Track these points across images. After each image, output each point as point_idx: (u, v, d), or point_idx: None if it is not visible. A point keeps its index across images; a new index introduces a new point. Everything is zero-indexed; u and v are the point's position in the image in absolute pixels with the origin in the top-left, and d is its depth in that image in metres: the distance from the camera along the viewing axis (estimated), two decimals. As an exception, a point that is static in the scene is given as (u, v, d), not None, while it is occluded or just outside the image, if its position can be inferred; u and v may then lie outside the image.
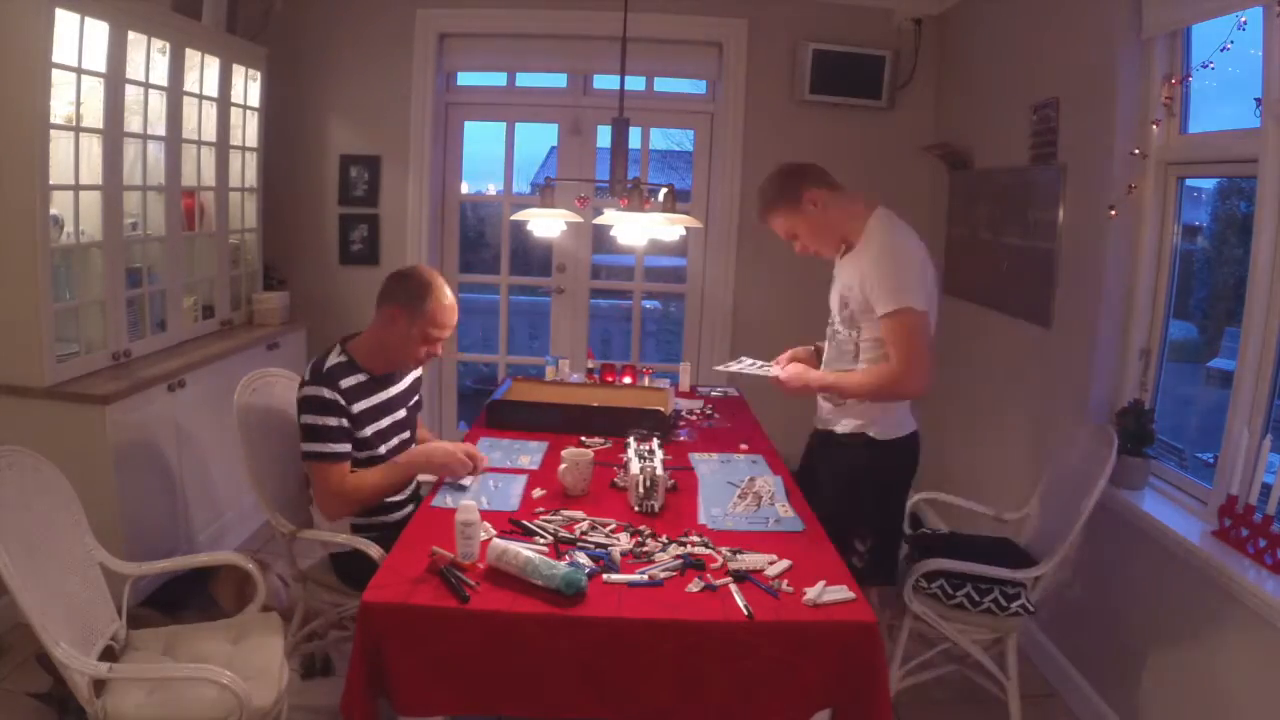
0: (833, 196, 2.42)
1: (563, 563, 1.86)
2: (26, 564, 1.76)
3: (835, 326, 2.53)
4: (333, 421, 2.31)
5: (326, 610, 2.54)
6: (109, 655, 2.01)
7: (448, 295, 2.42)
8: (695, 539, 2.06)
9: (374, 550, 2.26)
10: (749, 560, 1.97)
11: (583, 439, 2.80)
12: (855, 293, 2.37)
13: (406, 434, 2.62)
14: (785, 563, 1.97)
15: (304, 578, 2.51)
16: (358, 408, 2.37)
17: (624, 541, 2.05)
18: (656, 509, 2.26)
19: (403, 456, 2.39)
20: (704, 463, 2.65)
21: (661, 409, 2.91)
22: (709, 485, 2.45)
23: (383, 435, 2.47)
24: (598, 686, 1.75)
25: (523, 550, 1.87)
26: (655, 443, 2.58)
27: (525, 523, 2.13)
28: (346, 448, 2.34)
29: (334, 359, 2.40)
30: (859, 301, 2.37)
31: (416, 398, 2.70)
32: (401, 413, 2.57)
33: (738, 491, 2.40)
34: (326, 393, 2.31)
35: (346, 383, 2.36)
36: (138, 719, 1.85)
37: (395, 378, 2.54)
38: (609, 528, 2.14)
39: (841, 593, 1.84)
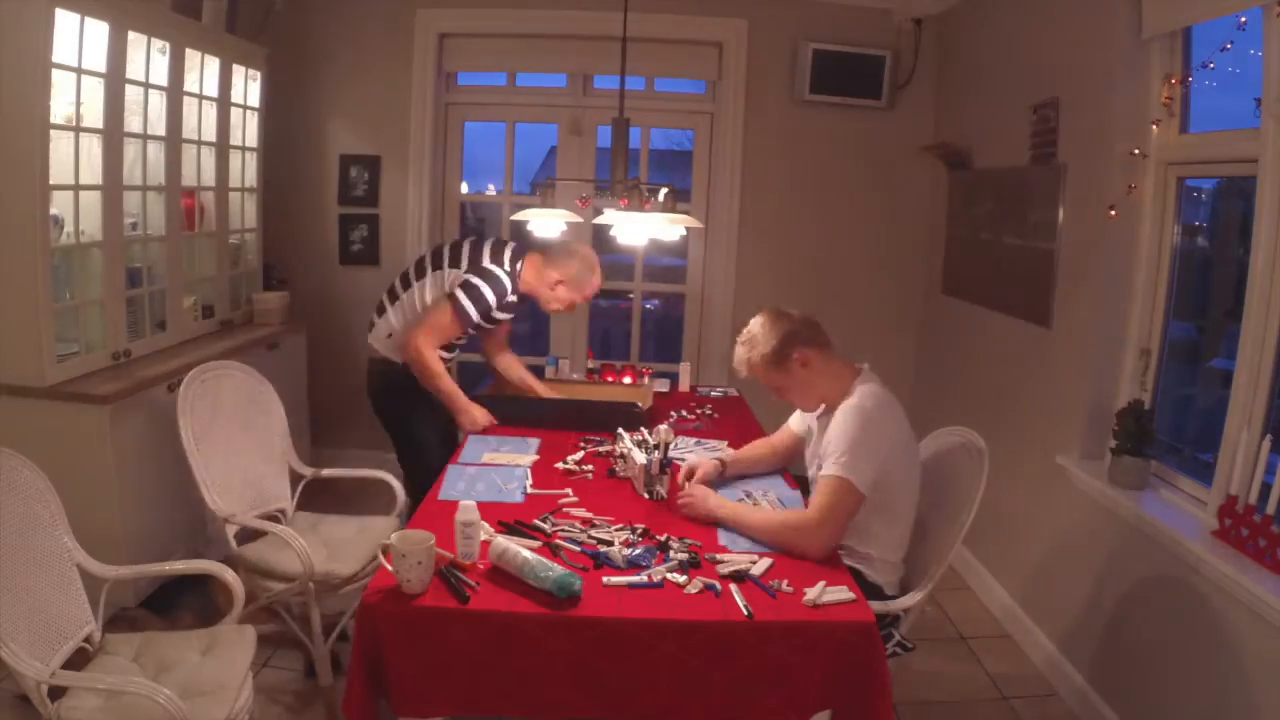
0: (821, 356, 2.30)
1: (558, 565, 1.86)
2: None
3: (810, 474, 2.38)
4: (485, 302, 2.89)
5: (258, 595, 2.51)
6: (82, 657, 1.98)
7: (599, 276, 3.07)
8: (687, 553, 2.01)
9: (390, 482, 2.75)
10: (731, 560, 1.97)
11: (584, 439, 2.80)
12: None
13: None
14: (766, 561, 1.98)
15: (235, 564, 2.42)
16: (500, 316, 3.05)
17: (623, 542, 2.05)
18: (665, 494, 2.34)
19: (455, 389, 2.95)
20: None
21: (639, 403, 2.99)
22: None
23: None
24: (598, 687, 1.75)
25: (521, 550, 1.87)
26: (647, 433, 2.59)
27: (522, 523, 2.13)
28: (463, 332, 2.97)
29: (514, 271, 2.98)
30: None
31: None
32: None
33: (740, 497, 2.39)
34: (497, 293, 2.91)
35: (511, 298, 2.99)
36: (89, 727, 1.79)
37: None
38: (613, 526, 2.15)
39: (841, 593, 1.84)
